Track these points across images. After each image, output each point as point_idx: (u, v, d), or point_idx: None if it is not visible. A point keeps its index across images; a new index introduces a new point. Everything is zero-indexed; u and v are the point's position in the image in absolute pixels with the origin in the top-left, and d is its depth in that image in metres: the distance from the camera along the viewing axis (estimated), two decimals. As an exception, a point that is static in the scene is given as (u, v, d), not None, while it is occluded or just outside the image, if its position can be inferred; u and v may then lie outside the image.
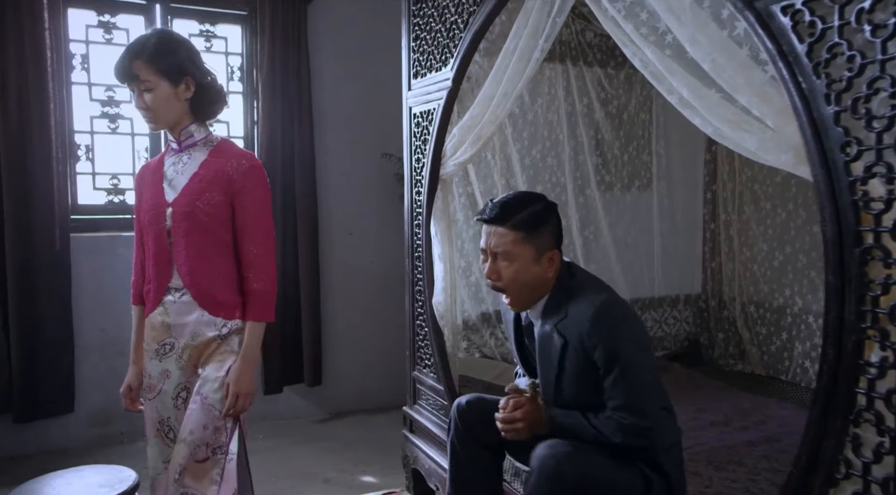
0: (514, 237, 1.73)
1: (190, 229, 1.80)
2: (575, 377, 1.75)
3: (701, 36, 1.41)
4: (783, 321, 3.12)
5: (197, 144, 1.86)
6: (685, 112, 1.52)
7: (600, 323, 1.68)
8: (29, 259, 3.44)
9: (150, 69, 1.75)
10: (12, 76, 3.35)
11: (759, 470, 2.18)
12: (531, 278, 1.76)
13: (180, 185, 1.82)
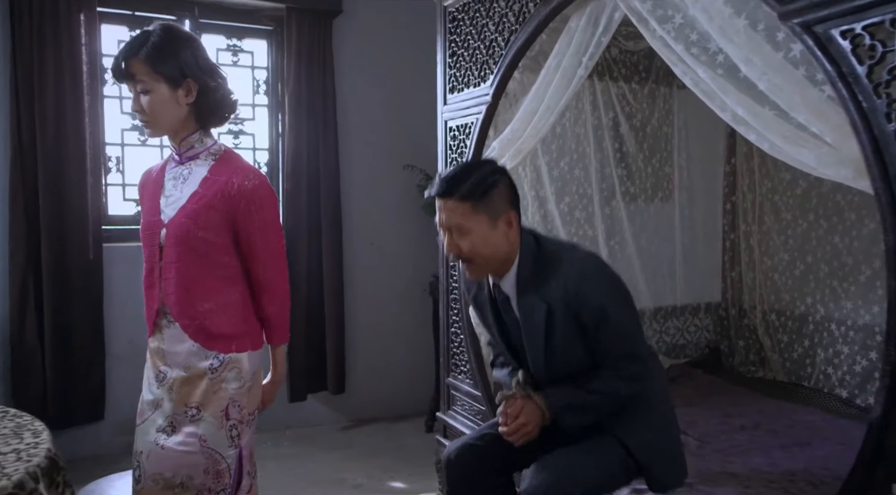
0: (463, 208, 1.70)
1: (182, 255, 1.65)
2: (563, 342, 1.75)
3: (755, 57, 1.50)
4: (805, 329, 3.21)
5: (199, 157, 1.71)
6: (739, 128, 1.61)
7: (583, 282, 1.70)
8: (64, 269, 3.51)
9: (148, 69, 1.60)
10: (50, 91, 3.44)
11: (794, 473, 2.25)
12: (491, 245, 1.73)
13: (178, 204, 1.67)
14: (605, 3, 2.04)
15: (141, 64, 1.60)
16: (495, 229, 1.73)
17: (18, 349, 3.46)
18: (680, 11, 1.75)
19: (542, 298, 1.73)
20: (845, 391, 3.02)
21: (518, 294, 1.79)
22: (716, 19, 1.61)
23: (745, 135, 1.60)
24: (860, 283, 2.98)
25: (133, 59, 1.61)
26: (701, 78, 1.69)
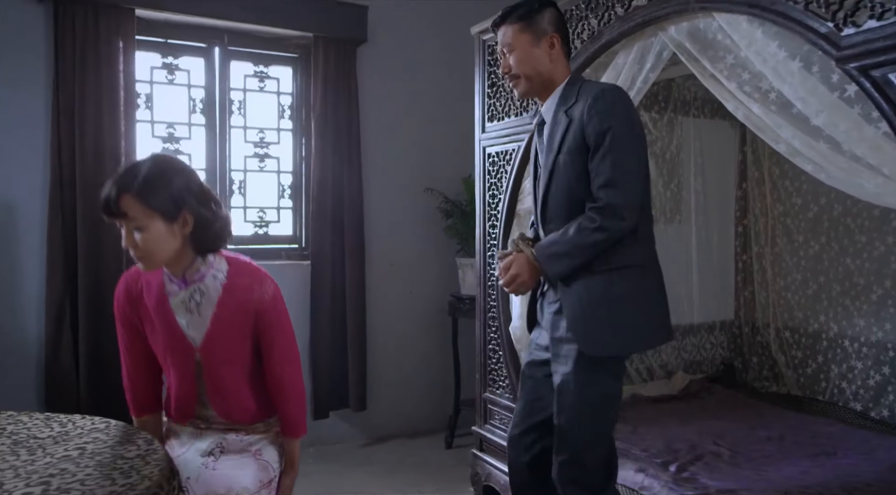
0: (512, 30, 1.98)
1: (218, 370, 1.75)
2: (570, 158, 1.87)
3: (810, 97, 1.67)
4: (819, 345, 3.38)
5: (205, 277, 1.71)
6: (795, 160, 1.77)
7: (599, 101, 1.83)
8: (99, 292, 3.57)
9: (141, 205, 1.56)
10: (90, 115, 3.53)
11: (826, 481, 2.39)
12: (532, 61, 1.96)
13: (202, 328, 1.71)
14: (653, 42, 2.21)
15: (133, 200, 1.55)
16: (538, 47, 1.97)
17: (54, 370, 3.51)
18: (731, 52, 1.92)
19: (567, 114, 1.91)
20: (860, 404, 3.19)
21: (554, 112, 1.97)
22: (769, 61, 1.78)
23: (802, 166, 1.76)
24: (872, 302, 3.16)
25: (124, 196, 1.55)
26: (754, 113, 1.85)
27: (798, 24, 1.67)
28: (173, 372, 1.77)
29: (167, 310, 1.70)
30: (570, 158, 1.88)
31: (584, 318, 1.86)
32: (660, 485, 2.31)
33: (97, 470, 1.47)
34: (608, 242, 1.81)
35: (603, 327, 1.86)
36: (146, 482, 1.41)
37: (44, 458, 1.53)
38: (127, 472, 1.46)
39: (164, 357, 1.77)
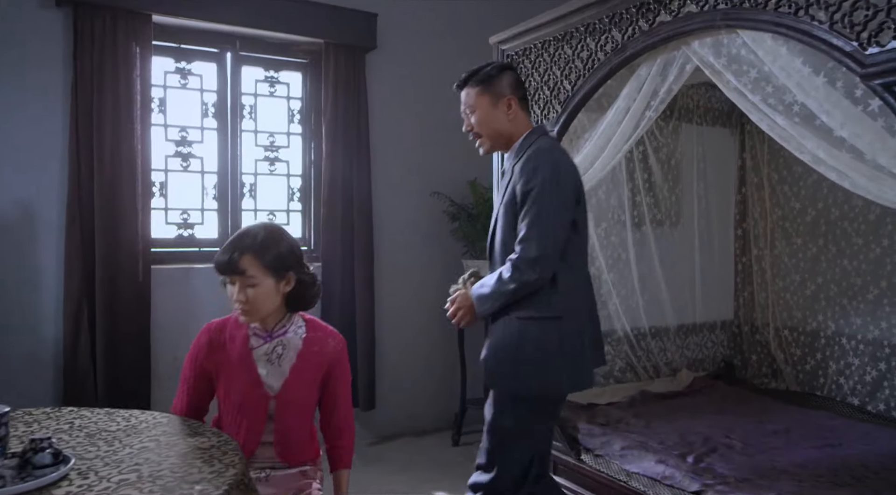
0: (473, 92, 2.19)
1: (289, 420, 1.88)
2: (505, 210, 2.07)
3: (835, 110, 1.80)
4: (817, 343, 3.55)
5: (287, 332, 1.90)
6: (819, 168, 1.91)
7: (529, 161, 2.02)
8: (116, 292, 3.62)
9: (257, 264, 1.77)
10: (108, 121, 3.58)
11: (835, 469, 2.54)
12: (492, 121, 2.16)
13: (280, 377, 1.86)
14: (675, 55, 2.34)
15: (252, 259, 1.77)
16: (496, 108, 2.16)
17: (71, 371, 3.54)
18: (755, 67, 2.06)
19: (512, 169, 2.11)
20: (857, 399, 3.36)
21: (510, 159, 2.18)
22: (794, 76, 1.91)
23: (826, 174, 1.90)
24: (868, 301, 3.33)
25: (245, 256, 1.77)
26: (778, 124, 1.99)
27: (823, 42, 1.80)
28: (244, 417, 1.87)
29: (250, 361, 1.86)
30: (506, 210, 2.08)
31: (496, 357, 2.05)
32: (681, 475, 2.44)
33: (179, 460, 1.55)
34: (521, 292, 1.98)
35: (507, 368, 2.03)
36: (231, 470, 1.49)
37: (123, 449, 1.61)
38: (208, 461, 1.54)
39: (236, 404, 1.88)
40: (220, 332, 1.91)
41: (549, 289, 2.00)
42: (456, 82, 2.28)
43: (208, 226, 4.16)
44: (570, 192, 2.04)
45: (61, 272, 3.57)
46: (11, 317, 3.49)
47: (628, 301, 3.59)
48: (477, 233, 4.36)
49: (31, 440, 1.45)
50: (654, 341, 3.67)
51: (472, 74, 2.22)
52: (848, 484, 2.39)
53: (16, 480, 1.37)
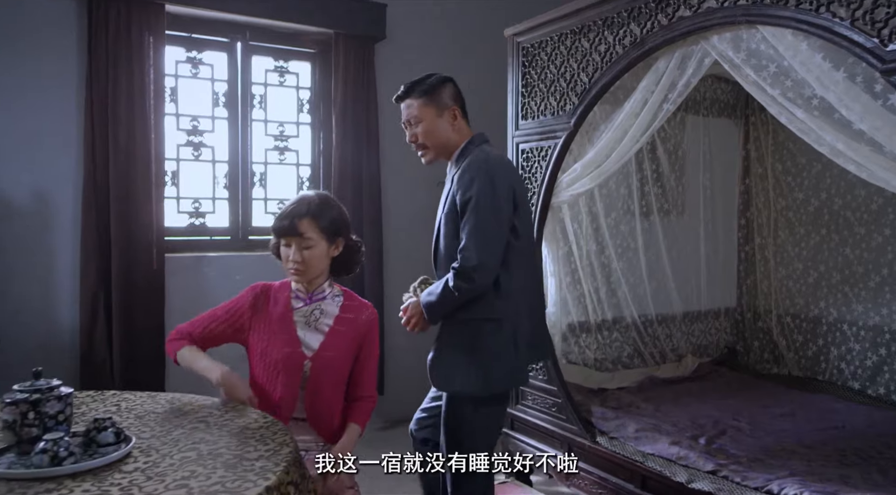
0: (417, 104, 2.21)
1: (324, 382, 1.97)
2: (447, 219, 2.13)
3: (854, 104, 1.88)
4: (819, 329, 3.65)
5: (326, 298, 2.01)
6: (838, 160, 1.98)
7: (466, 173, 2.07)
8: (131, 279, 3.66)
9: (314, 227, 1.92)
10: (122, 109, 3.60)
11: (843, 450, 2.64)
12: (438, 132, 2.20)
13: (317, 340, 1.97)
14: (694, 50, 2.40)
15: (309, 222, 1.91)
16: (441, 118, 2.21)
17: (88, 357, 3.59)
18: (774, 62, 2.13)
19: (454, 183, 2.14)
20: (857, 383, 3.47)
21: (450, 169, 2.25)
22: (813, 71, 1.99)
23: (845, 165, 1.98)
24: (870, 289, 3.43)
25: (303, 219, 1.91)
26: (797, 117, 2.06)
27: (844, 38, 1.87)
28: (282, 376, 1.96)
29: (290, 322, 1.97)
30: (447, 219, 2.16)
31: (441, 358, 2.17)
32: (695, 455, 2.53)
33: (233, 439, 1.61)
34: (463, 298, 2.06)
35: (452, 368, 2.14)
36: (286, 448, 1.56)
37: (175, 430, 1.67)
38: (261, 440, 1.61)
39: (273, 362, 1.96)
40: (265, 293, 2.02)
41: (492, 292, 2.09)
42: (397, 94, 2.30)
43: (220, 214, 4.20)
44: (505, 202, 2.10)
45: (77, 260, 3.60)
46: (29, 305, 3.52)
47: (636, 289, 3.67)
48: (484, 222, 4.42)
49: (94, 419, 1.51)
50: (660, 328, 3.76)
51: (414, 85, 2.25)
52: (855, 464, 2.50)
53: (84, 457, 1.43)
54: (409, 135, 2.28)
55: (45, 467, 1.37)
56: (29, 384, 1.51)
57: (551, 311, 3.05)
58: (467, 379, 2.11)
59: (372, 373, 2.12)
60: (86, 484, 1.33)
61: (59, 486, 1.32)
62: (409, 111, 2.25)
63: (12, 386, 1.52)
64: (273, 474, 1.40)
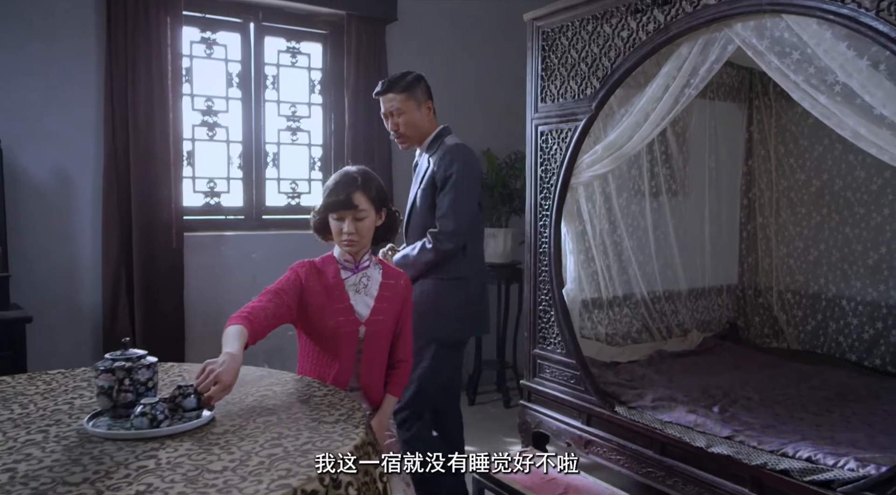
0: (399, 98, 2.63)
1: (376, 347, 2.09)
2: (425, 194, 2.61)
3: (877, 91, 2.00)
4: (818, 305, 3.82)
5: (369, 266, 2.12)
6: (859, 143, 2.11)
7: (447, 155, 2.57)
8: (152, 258, 3.73)
9: (365, 199, 2.01)
10: (141, 90, 3.65)
11: (848, 416, 2.81)
12: (417, 123, 2.65)
13: (368, 306, 2.08)
14: (717, 36, 2.51)
15: (362, 195, 2.02)
16: (419, 111, 2.66)
17: (111, 335, 3.65)
18: (798, 49, 2.24)
19: (429, 161, 2.64)
20: (854, 355, 3.65)
21: (425, 156, 2.70)
22: (837, 59, 2.10)
23: (867, 149, 2.10)
24: (868, 266, 3.60)
25: (355, 193, 2.01)
26: (820, 103, 2.18)
27: (868, 28, 1.99)
28: (339, 344, 2.05)
29: (342, 290, 2.07)
30: (423, 194, 2.63)
31: (419, 312, 2.41)
32: (712, 423, 2.67)
33: (305, 405, 1.72)
34: (439, 259, 2.55)
35: (430, 319, 2.54)
36: (358, 412, 1.67)
37: (246, 398, 1.76)
38: (332, 406, 1.71)
39: (330, 330, 2.04)
40: (312, 266, 2.10)
41: (460, 255, 2.59)
42: (378, 88, 2.69)
43: (234, 194, 4.26)
44: (477, 181, 2.66)
45: (99, 239, 3.65)
46: (52, 283, 3.58)
47: (645, 266, 3.81)
48: (494, 202, 4.53)
49: (177, 386, 1.60)
50: (667, 304, 3.90)
51: (395, 82, 2.65)
52: (861, 429, 2.66)
53: (174, 421, 1.53)
54: (391, 124, 2.68)
55: (146, 429, 1.47)
56: (119, 353, 1.60)
57: (570, 288, 3.17)
58: (440, 326, 2.57)
59: (408, 337, 2.23)
60: (186, 444, 1.43)
61: (162, 446, 1.42)
62: (392, 104, 2.65)
63: (105, 355, 1.61)
64: (356, 435, 1.50)
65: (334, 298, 2.05)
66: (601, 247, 3.56)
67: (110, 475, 1.27)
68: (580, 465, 2.23)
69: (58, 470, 1.29)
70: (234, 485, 1.23)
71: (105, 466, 1.31)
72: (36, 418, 1.58)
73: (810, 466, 2.28)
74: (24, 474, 1.26)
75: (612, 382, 3.18)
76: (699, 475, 2.57)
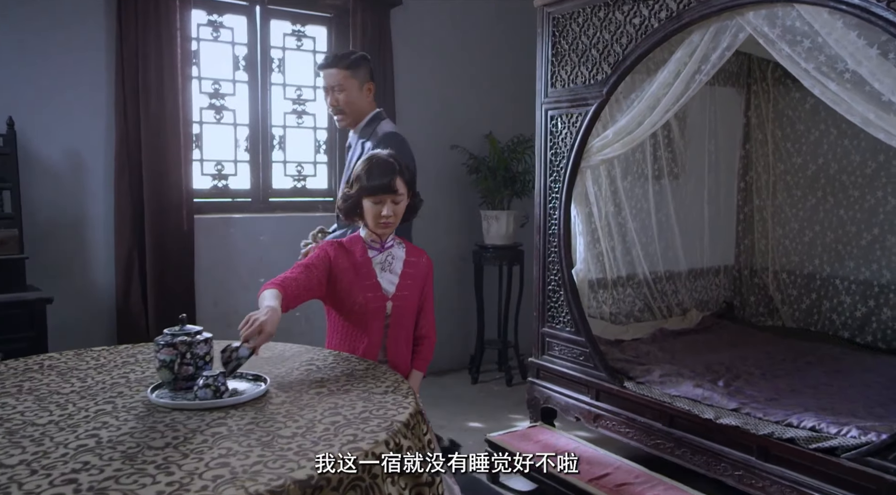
0: (342, 75, 2.62)
1: (402, 319, 2.19)
2: None
3: (886, 79, 2.10)
4: (812, 284, 3.96)
5: (393, 245, 2.22)
6: (869, 129, 2.21)
7: (387, 138, 2.60)
8: (163, 240, 3.77)
9: (403, 183, 2.12)
10: (152, 73, 3.67)
11: (845, 388, 2.95)
12: (358, 102, 2.66)
13: (393, 282, 2.18)
14: (728, 24, 2.60)
15: (400, 180, 2.12)
16: (361, 91, 2.67)
17: (125, 314, 3.71)
18: (809, 37, 2.34)
19: (362, 146, 2.65)
20: (847, 332, 3.80)
21: (360, 139, 2.72)
22: (848, 48, 2.20)
23: (875, 134, 2.21)
24: (861, 247, 3.74)
25: (395, 178, 2.10)
26: (830, 90, 2.28)
27: (879, 18, 2.09)
28: (368, 319, 2.15)
29: (369, 268, 2.18)
30: None
31: None
32: (718, 396, 2.80)
33: (351, 377, 1.80)
34: None
35: None
36: (404, 384, 1.76)
37: (292, 373, 1.85)
38: (378, 378, 1.80)
39: (360, 305, 2.14)
40: (341, 246, 2.20)
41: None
42: (323, 61, 2.64)
43: (241, 177, 4.30)
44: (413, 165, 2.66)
45: (111, 221, 3.69)
46: (66, 265, 3.62)
47: (648, 247, 3.92)
48: (497, 184, 4.61)
49: (226, 346, 1.68)
50: (668, 284, 4.02)
51: (340, 58, 2.64)
52: (858, 400, 2.80)
53: (234, 392, 1.61)
54: (332, 99, 2.67)
55: (210, 399, 1.54)
56: (178, 328, 1.67)
57: (580, 268, 3.28)
58: None
59: (431, 313, 2.33)
60: (250, 414, 1.51)
61: (227, 415, 1.50)
62: (335, 79, 2.64)
63: (163, 330, 1.68)
64: (408, 404, 1.59)
65: (362, 275, 2.15)
66: (606, 229, 3.67)
67: (189, 440, 1.35)
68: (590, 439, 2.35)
69: (138, 436, 1.36)
70: (309, 449, 1.31)
71: (181, 433, 1.39)
72: (98, 391, 1.66)
73: (815, 435, 2.41)
74: (108, 440, 1.34)
75: (619, 359, 3.29)
76: (707, 445, 2.70)
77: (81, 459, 1.24)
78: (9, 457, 1.25)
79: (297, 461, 1.25)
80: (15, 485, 1.13)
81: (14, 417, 1.46)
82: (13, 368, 1.85)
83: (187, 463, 1.24)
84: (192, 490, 1.13)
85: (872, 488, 2.20)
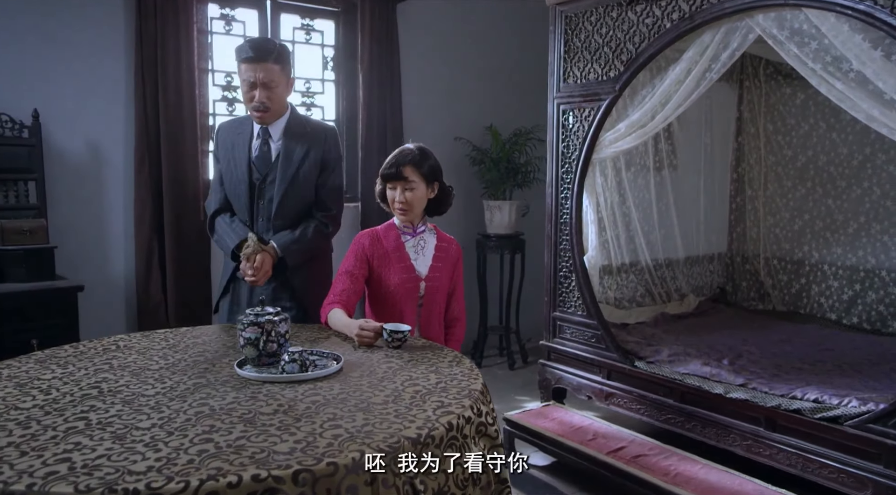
0: (274, 70, 2.37)
1: (435, 303, 2.35)
2: (309, 174, 2.48)
3: (890, 79, 2.30)
4: (801, 270, 4.20)
5: (425, 231, 2.38)
6: (873, 125, 2.41)
7: (328, 135, 2.55)
8: (182, 229, 3.86)
9: (416, 172, 2.26)
10: (170, 65, 3.75)
11: (840, 364, 3.18)
12: (283, 97, 2.47)
13: (426, 265, 2.33)
14: (738, 26, 2.78)
15: (411, 168, 2.25)
16: (287, 87, 2.50)
17: (145, 302, 3.80)
18: (815, 39, 2.53)
19: (305, 142, 2.49)
20: (834, 314, 4.05)
21: (284, 137, 2.49)
22: (853, 50, 2.39)
23: (879, 129, 2.41)
24: (848, 234, 3.99)
25: (405, 166, 2.25)
26: (836, 88, 2.48)
27: (883, 23, 2.28)
28: (403, 298, 2.30)
29: (403, 251, 2.34)
30: (308, 174, 2.49)
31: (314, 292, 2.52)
32: (725, 373, 3.00)
33: (413, 353, 1.94)
34: (329, 240, 2.62)
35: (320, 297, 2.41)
36: (466, 359, 1.91)
37: (358, 350, 1.98)
38: (436, 354, 1.94)
39: (395, 286, 2.30)
40: (374, 233, 2.37)
41: None
42: (249, 54, 2.35)
43: (253, 168, 4.38)
44: None
45: (130, 211, 3.77)
46: (88, 254, 3.69)
47: (649, 236, 4.11)
48: (499, 175, 4.76)
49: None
50: (667, 270, 4.23)
51: (270, 51, 2.37)
52: (853, 375, 3.03)
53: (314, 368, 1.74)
54: (260, 95, 2.38)
55: (298, 373, 1.68)
56: (259, 309, 1.80)
57: (591, 255, 3.46)
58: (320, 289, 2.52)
59: (461, 297, 2.50)
60: (337, 386, 1.65)
61: (314, 387, 1.64)
62: (267, 75, 2.36)
63: (246, 311, 1.81)
64: (478, 375, 1.75)
65: (396, 259, 2.32)
66: (612, 218, 3.84)
67: (293, 407, 1.49)
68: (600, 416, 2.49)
69: (245, 405, 1.49)
70: (405, 414, 1.46)
71: (281, 401, 1.53)
72: (184, 367, 1.78)
73: (818, 406, 2.62)
74: (220, 408, 1.47)
75: (628, 340, 3.48)
76: (717, 418, 2.90)
77: (206, 423, 1.37)
78: (141, 422, 1.37)
79: (401, 422, 1.40)
80: (161, 443, 1.26)
81: (122, 389, 1.58)
82: (92, 348, 1.96)
83: (302, 425, 1.38)
84: (319, 446, 1.27)
85: (874, 452, 2.41)
